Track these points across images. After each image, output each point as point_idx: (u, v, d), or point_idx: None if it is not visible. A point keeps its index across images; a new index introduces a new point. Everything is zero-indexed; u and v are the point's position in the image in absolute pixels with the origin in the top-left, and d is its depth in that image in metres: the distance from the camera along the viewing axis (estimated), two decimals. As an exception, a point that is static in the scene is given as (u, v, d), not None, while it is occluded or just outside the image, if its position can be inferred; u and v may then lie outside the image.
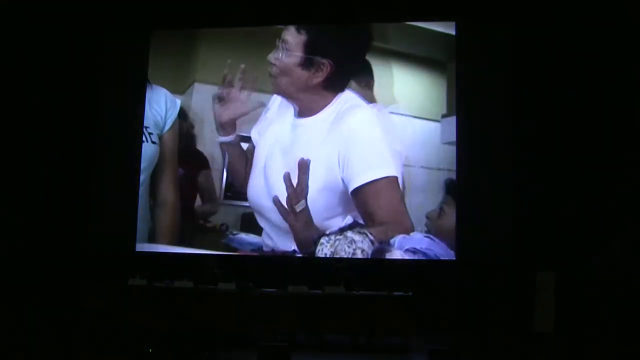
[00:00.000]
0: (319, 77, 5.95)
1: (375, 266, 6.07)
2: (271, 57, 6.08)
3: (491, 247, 5.97)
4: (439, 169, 6.22)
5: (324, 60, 5.95)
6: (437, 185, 6.19)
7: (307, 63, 5.98)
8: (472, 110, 6.28)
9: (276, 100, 6.31)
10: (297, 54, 6.03)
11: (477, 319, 5.75)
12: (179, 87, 6.80)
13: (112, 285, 5.83)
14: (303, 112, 6.12)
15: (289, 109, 6.22)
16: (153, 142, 6.67)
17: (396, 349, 5.41)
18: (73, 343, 5.28)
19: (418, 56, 6.45)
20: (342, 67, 6.04)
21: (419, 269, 6.05)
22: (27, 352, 4.93)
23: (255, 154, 6.24)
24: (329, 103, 6.03)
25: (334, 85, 6.05)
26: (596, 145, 5.91)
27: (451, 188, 6.09)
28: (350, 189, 5.80)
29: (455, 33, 6.35)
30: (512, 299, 5.76)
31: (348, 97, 6.06)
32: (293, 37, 6.05)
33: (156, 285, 5.81)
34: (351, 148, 5.87)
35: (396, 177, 5.88)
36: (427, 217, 5.98)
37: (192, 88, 6.73)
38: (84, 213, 6.71)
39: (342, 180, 5.86)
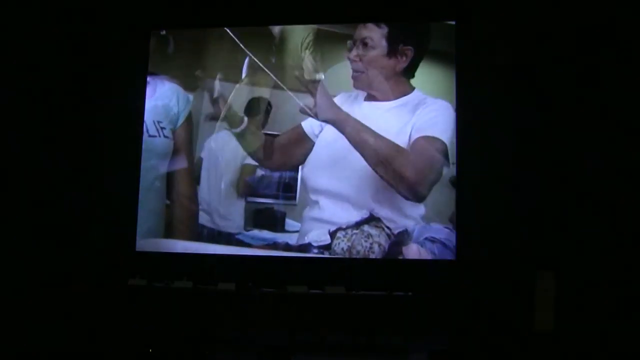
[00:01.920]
0: (405, 63, 6.18)
1: (375, 266, 6.08)
2: (352, 55, 6.25)
3: (491, 247, 5.96)
4: (453, 163, 6.19)
5: (407, 46, 6.17)
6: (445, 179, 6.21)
7: (392, 51, 6.20)
8: (472, 109, 6.27)
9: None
10: (382, 45, 6.23)
11: (477, 319, 5.74)
12: (190, 83, 6.76)
13: (112, 285, 5.84)
14: (378, 98, 6.28)
15: (356, 101, 6.37)
16: (165, 137, 6.64)
17: (396, 349, 5.42)
18: (72, 343, 5.29)
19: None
20: (417, 53, 6.28)
21: (419, 269, 6.06)
22: (26, 351, 4.94)
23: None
24: (406, 91, 6.24)
25: (410, 71, 6.28)
26: (597, 144, 5.90)
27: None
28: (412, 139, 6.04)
29: (455, 33, 6.35)
30: (512, 299, 5.76)
31: (421, 94, 6.27)
32: (375, 33, 6.26)
33: (156, 285, 5.82)
34: (423, 117, 6.12)
35: (444, 144, 6.04)
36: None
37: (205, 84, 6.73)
38: (83, 212, 6.70)
39: (409, 139, 6.08)
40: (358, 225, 5.97)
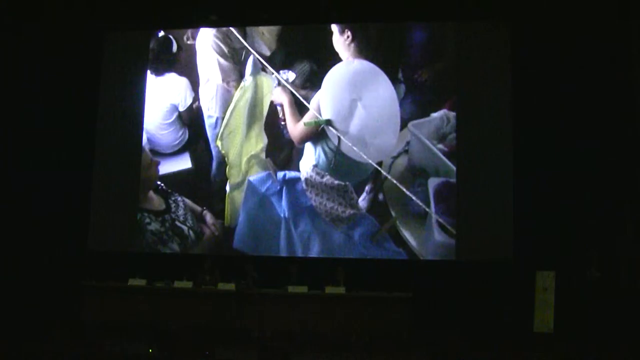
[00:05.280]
0: None
1: (375, 266, 6.08)
2: None
3: (491, 247, 5.97)
4: None
5: None
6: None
7: None
8: (472, 112, 6.28)
9: None
10: None
11: (478, 319, 5.74)
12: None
13: (112, 285, 5.83)
14: None
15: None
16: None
17: (396, 349, 5.41)
18: (73, 342, 5.28)
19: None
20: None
21: (419, 269, 6.06)
22: (27, 350, 4.93)
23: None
24: None
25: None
26: (596, 145, 5.91)
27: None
28: None
29: (456, 34, 6.37)
30: (512, 299, 5.75)
31: None
32: None
33: (156, 286, 5.82)
34: None
35: None
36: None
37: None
38: (84, 213, 6.71)
39: None
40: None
